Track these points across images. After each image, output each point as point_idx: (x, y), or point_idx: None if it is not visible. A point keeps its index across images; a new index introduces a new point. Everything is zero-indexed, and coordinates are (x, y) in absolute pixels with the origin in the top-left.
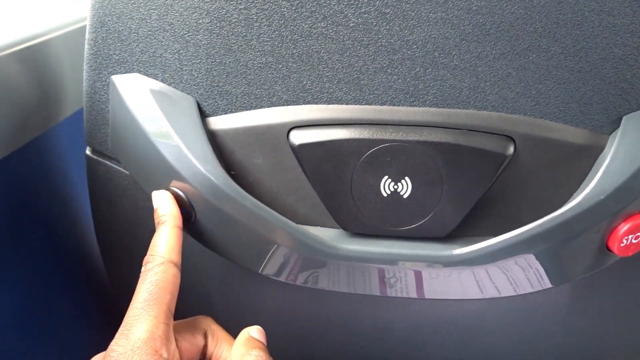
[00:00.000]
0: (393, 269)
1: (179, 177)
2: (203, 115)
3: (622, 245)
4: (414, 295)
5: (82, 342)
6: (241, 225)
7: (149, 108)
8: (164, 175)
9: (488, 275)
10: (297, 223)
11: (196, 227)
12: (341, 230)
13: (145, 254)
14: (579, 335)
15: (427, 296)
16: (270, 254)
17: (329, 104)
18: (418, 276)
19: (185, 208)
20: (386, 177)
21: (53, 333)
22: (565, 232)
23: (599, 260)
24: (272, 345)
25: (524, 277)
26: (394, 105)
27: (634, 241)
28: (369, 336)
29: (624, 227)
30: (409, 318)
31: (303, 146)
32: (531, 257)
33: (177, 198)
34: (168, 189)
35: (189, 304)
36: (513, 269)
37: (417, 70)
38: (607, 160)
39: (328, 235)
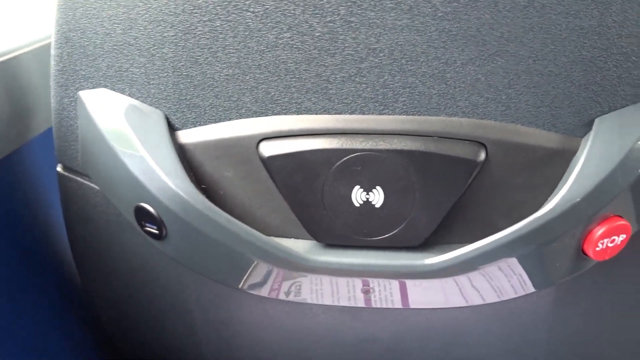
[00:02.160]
0: (367, 280)
1: (148, 193)
2: (172, 128)
3: (597, 249)
4: (390, 305)
5: (60, 355)
6: (212, 240)
7: (117, 123)
8: (133, 191)
9: (459, 283)
10: (270, 235)
11: (168, 243)
12: (314, 241)
13: (120, 269)
14: (564, 340)
15: (404, 306)
16: (243, 268)
17: (298, 114)
18: (393, 286)
19: (156, 224)
20: (357, 186)
21: (32, 349)
22: (540, 237)
23: (576, 265)
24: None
25: (502, 283)
26: (364, 113)
27: (609, 245)
28: (353, 347)
29: (599, 231)
30: (392, 327)
31: (273, 158)
32: (508, 263)
33: (147, 214)
34: (137, 205)
35: (169, 320)
36: (489, 276)
37: (386, 78)
38: (580, 163)
39: (301, 247)
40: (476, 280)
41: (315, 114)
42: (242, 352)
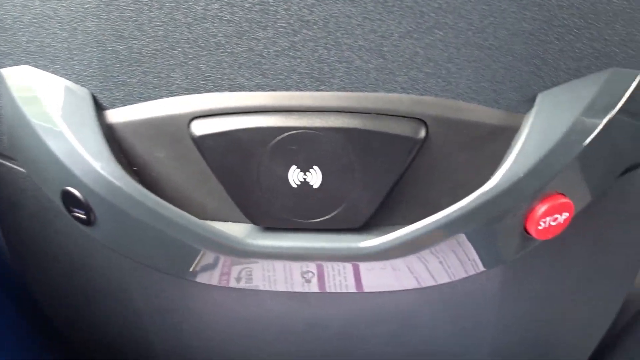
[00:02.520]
0: (307, 264)
1: (74, 176)
2: (100, 108)
3: (539, 228)
4: (334, 289)
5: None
6: (143, 224)
7: (39, 103)
8: (59, 174)
9: (404, 265)
10: (207, 219)
11: (98, 229)
12: (252, 225)
13: (56, 258)
14: (513, 322)
15: (348, 290)
16: (177, 254)
17: (231, 91)
18: (335, 270)
19: (83, 209)
20: (294, 166)
21: None
22: (481, 216)
23: (521, 244)
24: (201, 349)
25: (448, 263)
26: (300, 90)
27: (552, 223)
28: (303, 333)
29: (541, 209)
30: (342, 312)
31: (204, 137)
32: (451, 243)
33: (74, 198)
34: (64, 189)
35: (112, 309)
36: (434, 256)
37: (321, 52)
38: (522, 140)
39: (237, 230)
40: (421, 262)
41: (249, 90)
42: (191, 340)
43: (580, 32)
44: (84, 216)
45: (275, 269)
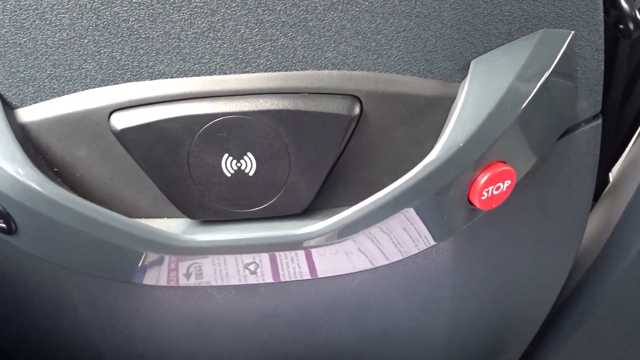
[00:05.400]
0: (250, 255)
1: None
2: (9, 107)
3: (483, 198)
4: (288, 278)
5: None
6: (70, 229)
7: None
8: None
9: (351, 247)
10: (141, 217)
11: (21, 237)
12: (188, 219)
13: None
14: (467, 294)
15: (299, 277)
16: (111, 257)
17: (151, 79)
18: (281, 259)
19: (2, 217)
20: (226, 155)
21: None
22: (424, 190)
23: (466, 215)
24: (152, 351)
25: (394, 241)
26: (224, 73)
27: (495, 192)
28: (255, 324)
29: (483, 178)
30: (294, 300)
31: (127, 130)
32: (396, 220)
33: None
34: None
35: (55, 320)
36: (380, 237)
37: (243, 31)
38: (458, 109)
39: (174, 227)
40: (371, 242)
41: (170, 77)
42: (141, 343)
43: None
44: (3, 224)
45: (217, 263)
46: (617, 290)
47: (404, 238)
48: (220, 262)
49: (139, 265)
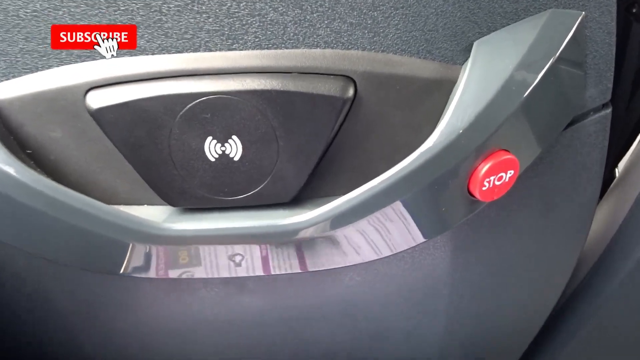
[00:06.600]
0: (235, 246)
1: None
2: None
3: (484, 189)
4: (278, 271)
5: None
6: (44, 215)
7: None
8: None
9: (341, 240)
10: (119, 204)
11: None
12: (170, 207)
13: None
14: (468, 290)
15: (286, 271)
16: (87, 246)
17: (130, 55)
18: (269, 250)
19: None
20: (210, 137)
21: None
22: (421, 179)
23: (466, 208)
24: (135, 345)
25: (387, 235)
26: (210, 50)
27: (497, 183)
28: (243, 322)
29: (484, 168)
30: (284, 295)
31: (103, 110)
32: (391, 212)
33: None
34: None
35: (34, 314)
36: (371, 230)
37: (229, 4)
38: (459, 93)
39: (154, 214)
40: (361, 235)
41: (151, 54)
42: (123, 337)
43: None
44: None
45: (199, 254)
46: (622, 291)
47: (397, 231)
48: (202, 253)
49: (115, 255)
